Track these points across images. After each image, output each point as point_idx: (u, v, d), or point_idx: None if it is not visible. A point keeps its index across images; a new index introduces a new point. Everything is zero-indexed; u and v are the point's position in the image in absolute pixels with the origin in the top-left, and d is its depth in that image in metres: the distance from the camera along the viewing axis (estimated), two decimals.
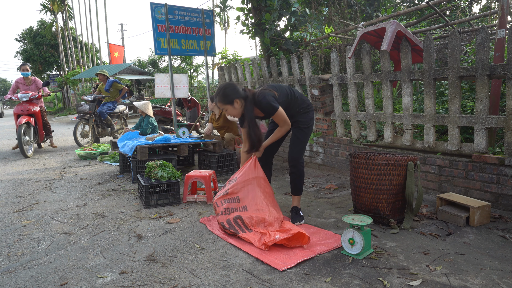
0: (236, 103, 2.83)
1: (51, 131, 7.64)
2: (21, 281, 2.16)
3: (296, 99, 3.05)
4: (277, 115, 2.87)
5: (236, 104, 2.83)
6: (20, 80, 7.14)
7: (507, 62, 3.08)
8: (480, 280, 2.04)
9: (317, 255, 2.40)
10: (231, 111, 2.87)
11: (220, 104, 2.85)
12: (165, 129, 8.16)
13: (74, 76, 22.15)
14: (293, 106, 3.02)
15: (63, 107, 28.81)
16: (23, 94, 6.71)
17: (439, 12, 5.21)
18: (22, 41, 31.12)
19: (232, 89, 2.84)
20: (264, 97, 2.82)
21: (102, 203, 3.74)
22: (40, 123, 7.00)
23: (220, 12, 38.68)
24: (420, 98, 4.84)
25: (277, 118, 2.89)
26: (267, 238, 2.52)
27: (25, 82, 7.11)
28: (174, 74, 6.19)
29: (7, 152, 7.49)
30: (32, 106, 6.75)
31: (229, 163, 4.96)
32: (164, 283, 2.10)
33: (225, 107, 2.85)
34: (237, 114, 2.90)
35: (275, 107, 2.82)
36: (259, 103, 2.84)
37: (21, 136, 6.37)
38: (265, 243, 2.48)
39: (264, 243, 2.49)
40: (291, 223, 2.96)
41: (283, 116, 2.89)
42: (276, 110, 2.83)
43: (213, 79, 28.21)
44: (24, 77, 7.11)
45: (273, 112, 2.84)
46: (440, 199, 3.07)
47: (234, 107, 2.85)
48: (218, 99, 2.84)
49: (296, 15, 6.15)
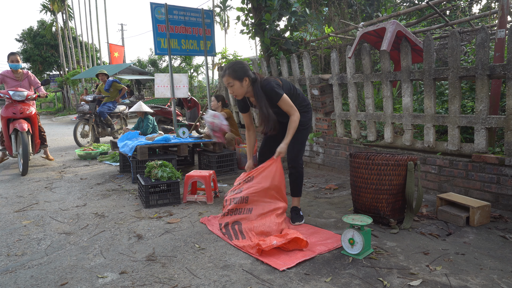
0: (245, 81, 2.81)
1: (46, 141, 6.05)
2: (21, 281, 2.16)
3: (298, 95, 3.05)
4: (283, 101, 2.83)
5: (244, 82, 2.81)
6: (8, 73, 5.62)
7: (507, 62, 3.08)
8: (480, 280, 2.04)
9: (317, 255, 2.39)
10: (237, 88, 2.82)
11: (229, 78, 2.79)
12: (165, 129, 8.16)
13: (74, 76, 22.17)
14: (294, 102, 2.98)
15: (63, 107, 28.82)
16: (17, 92, 5.23)
17: (439, 12, 5.21)
18: (22, 41, 31.13)
19: (244, 66, 2.84)
20: (268, 82, 2.83)
21: (102, 203, 3.74)
22: (36, 129, 5.56)
23: (220, 12, 38.67)
24: (420, 98, 4.84)
25: (283, 104, 2.85)
26: (263, 243, 2.42)
27: (14, 76, 5.61)
28: (174, 74, 6.19)
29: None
30: (28, 107, 5.32)
31: (229, 163, 4.96)
32: (164, 283, 2.10)
33: (233, 82, 2.80)
34: (241, 93, 2.86)
35: (279, 94, 2.81)
36: (263, 88, 2.83)
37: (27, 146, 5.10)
38: (261, 248, 2.39)
39: (260, 248, 2.40)
40: (291, 224, 2.96)
41: (289, 102, 2.85)
42: (281, 96, 2.81)
43: (213, 79, 28.21)
44: (13, 70, 5.60)
45: (277, 99, 2.82)
46: (440, 199, 3.07)
47: (242, 85, 2.82)
48: (229, 72, 2.79)
49: (296, 15, 6.15)
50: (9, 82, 5.56)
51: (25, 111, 5.25)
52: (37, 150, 5.72)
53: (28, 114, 5.30)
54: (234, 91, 2.85)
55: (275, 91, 2.80)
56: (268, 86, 2.81)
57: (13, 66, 5.52)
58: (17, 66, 5.54)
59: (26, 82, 5.69)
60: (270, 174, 2.89)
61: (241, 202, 2.88)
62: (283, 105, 2.85)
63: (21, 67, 5.66)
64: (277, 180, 2.89)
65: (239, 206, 2.88)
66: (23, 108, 5.24)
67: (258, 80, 2.86)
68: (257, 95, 2.84)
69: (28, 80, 5.73)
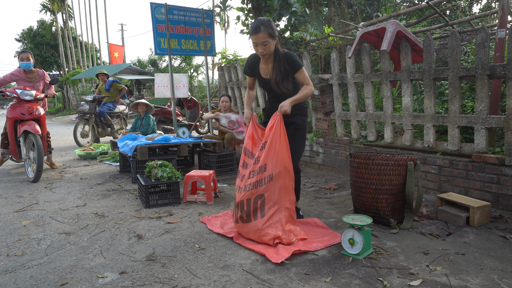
0: (276, 40, 2.76)
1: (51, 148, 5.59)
2: (21, 281, 2.16)
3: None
4: (302, 72, 2.79)
5: (275, 41, 2.75)
6: (20, 73, 4.99)
7: (507, 62, 3.08)
8: (480, 280, 2.04)
9: (313, 250, 2.45)
10: (269, 46, 2.71)
11: (264, 34, 2.65)
12: (165, 129, 8.17)
13: (74, 76, 22.17)
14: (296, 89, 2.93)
15: (63, 107, 28.82)
16: (26, 91, 4.75)
17: (439, 12, 5.22)
18: (22, 41, 31.13)
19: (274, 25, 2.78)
20: (289, 52, 2.81)
21: (102, 203, 3.74)
22: (45, 131, 5.08)
23: (220, 12, 38.68)
24: (420, 98, 4.84)
25: (300, 75, 2.80)
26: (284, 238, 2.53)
27: (26, 76, 5.01)
28: (174, 74, 6.19)
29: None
30: (36, 108, 4.84)
31: (229, 163, 4.96)
32: (164, 283, 2.10)
33: (268, 40, 2.68)
34: (270, 54, 2.77)
35: (301, 64, 2.79)
36: (286, 55, 2.78)
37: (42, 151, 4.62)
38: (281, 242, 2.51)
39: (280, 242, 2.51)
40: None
41: (307, 74, 2.82)
42: (301, 66, 2.78)
43: (213, 79, 28.23)
44: (26, 71, 5.00)
45: (298, 68, 2.77)
46: (440, 199, 3.07)
47: (273, 45, 2.74)
48: (264, 28, 2.65)
49: (296, 15, 6.15)
50: (21, 83, 4.99)
51: (34, 112, 4.77)
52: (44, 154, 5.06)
53: (37, 115, 4.82)
54: (265, 50, 2.72)
55: (297, 60, 2.78)
56: (291, 54, 2.79)
57: (23, 65, 4.92)
58: (29, 65, 4.93)
59: (40, 84, 5.08)
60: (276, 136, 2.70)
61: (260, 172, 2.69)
62: (301, 76, 2.80)
63: (33, 65, 5.04)
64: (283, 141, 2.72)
65: (260, 176, 2.68)
66: (32, 109, 4.75)
67: (278, 46, 2.82)
68: (279, 61, 2.78)
69: (44, 81, 5.13)
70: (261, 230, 2.57)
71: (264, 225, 2.58)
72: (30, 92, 4.77)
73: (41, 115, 4.88)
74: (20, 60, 4.90)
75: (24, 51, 4.95)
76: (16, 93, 4.69)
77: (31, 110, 4.75)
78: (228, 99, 5.34)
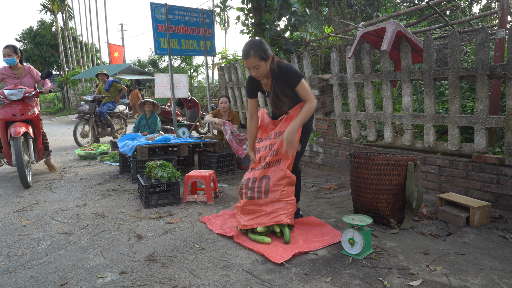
0: (269, 60, 2.61)
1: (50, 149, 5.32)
2: (21, 281, 2.16)
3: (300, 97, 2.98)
4: (302, 85, 2.61)
5: (269, 61, 2.61)
6: (6, 70, 4.74)
7: (507, 62, 3.08)
8: (480, 280, 2.04)
9: (313, 250, 2.45)
10: (262, 69, 2.60)
11: (255, 59, 2.55)
12: (165, 129, 8.17)
13: (74, 76, 22.17)
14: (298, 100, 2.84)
15: (63, 107, 28.82)
16: (12, 90, 4.45)
17: (439, 12, 5.22)
18: (22, 41, 31.14)
19: (266, 44, 2.60)
20: (287, 64, 2.66)
21: (102, 203, 3.74)
22: (39, 132, 4.82)
23: (220, 12, 38.68)
24: (420, 98, 4.84)
25: (301, 88, 2.63)
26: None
27: (13, 73, 4.75)
28: (174, 74, 6.19)
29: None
30: (28, 108, 4.56)
31: (229, 163, 4.97)
32: (164, 283, 2.10)
33: (260, 63, 2.57)
34: (265, 74, 2.66)
35: (300, 75, 2.61)
36: (283, 68, 2.62)
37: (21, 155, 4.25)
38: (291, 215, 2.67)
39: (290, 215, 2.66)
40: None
41: (307, 87, 2.62)
42: (301, 78, 2.61)
43: (213, 79, 28.24)
44: (11, 66, 4.73)
45: (298, 81, 2.60)
46: (440, 199, 3.07)
47: (267, 65, 2.61)
48: (254, 52, 2.54)
49: (296, 15, 6.16)
50: (8, 81, 4.75)
51: (26, 112, 4.49)
52: (40, 157, 4.95)
53: (30, 116, 4.53)
54: (259, 73, 2.62)
55: (295, 72, 2.62)
56: (288, 66, 2.63)
57: (8, 61, 4.66)
58: (11, 61, 4.64)
59: (28, 79, 4.82)
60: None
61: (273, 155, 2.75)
62: (301, 89, 2.63)
63: (16, 61, 4.71)
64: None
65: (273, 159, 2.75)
66: (24, 109, 4.48)
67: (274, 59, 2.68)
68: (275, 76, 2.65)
69: (30, 76, 4.85)
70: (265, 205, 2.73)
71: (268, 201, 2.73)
72: (16, 91, 4.47)
73: (34, 115, 4.61)
74: (3, 57, 4.62)
75: (5, 46, 4.66)
76: (3, 94, 4.45)
77: (23, 110, 4.47)
78: (227, 100, 5.32)
